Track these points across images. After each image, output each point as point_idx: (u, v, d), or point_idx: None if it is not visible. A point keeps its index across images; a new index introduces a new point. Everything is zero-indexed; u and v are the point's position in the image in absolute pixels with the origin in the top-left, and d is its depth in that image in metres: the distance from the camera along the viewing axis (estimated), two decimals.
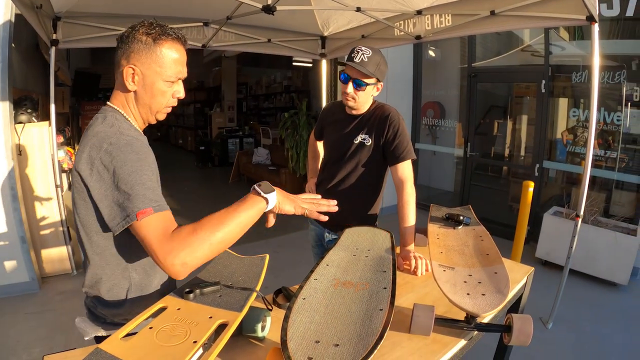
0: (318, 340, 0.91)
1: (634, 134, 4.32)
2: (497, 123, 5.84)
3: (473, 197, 5.76)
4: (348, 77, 1.84)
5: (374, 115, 1.98)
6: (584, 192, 2.98)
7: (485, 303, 1.12)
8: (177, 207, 6.76)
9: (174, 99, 1.23)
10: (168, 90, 1.19)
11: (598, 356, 2.89)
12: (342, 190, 2.05)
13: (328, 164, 2.14)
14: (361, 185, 2.04)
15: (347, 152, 2.00)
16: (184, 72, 1.20)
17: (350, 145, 1.99)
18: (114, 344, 0.90)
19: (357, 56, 1.79)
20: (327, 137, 2.18)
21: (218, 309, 1.04)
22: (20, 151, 3.61)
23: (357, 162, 2.00)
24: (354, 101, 1.91)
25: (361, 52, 1.79)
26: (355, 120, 2.01)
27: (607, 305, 3.60)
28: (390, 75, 5.83)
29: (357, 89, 1.86)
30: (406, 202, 1.83)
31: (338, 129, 2.06)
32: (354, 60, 1.78)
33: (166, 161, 11.47)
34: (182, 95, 1.24)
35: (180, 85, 1.23)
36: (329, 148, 2.17)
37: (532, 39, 5.23)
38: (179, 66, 1.17)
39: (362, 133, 1.97)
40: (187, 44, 1.21)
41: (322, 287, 1.15)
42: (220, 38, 4.20)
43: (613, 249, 3.84)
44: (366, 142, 1.96)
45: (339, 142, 2.05)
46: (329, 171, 2.11)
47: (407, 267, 1.65)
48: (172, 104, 1.24)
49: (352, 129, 2.00)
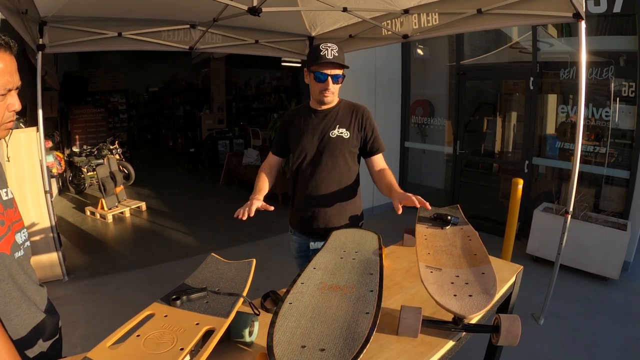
0: (304, 345, 0.91)
1: (623, 129, 4.34)
2: (487, 120, 5.86)
3: (463, 195, 5.78)
4: (325, 74, 1.87)
5: (343, 108, 2.03)
6: (573, 188, 3.01)
7: (472, 304, 1.12)
8: (167, 210, 6.73)
9: (10, 112, 1.08)
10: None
11: (590, 351, 2.91)
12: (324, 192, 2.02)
13: (302, 166, 2.05)
14: (342, 182, 2.03)
15: (325, 146, 1.99)
16: (15, 81, 1.06)
17: (327, 139, 1.99)
18: (101, 353, 0.90)
19: (327, 53, 1.83)
20: (296, 138, 2.05)
21: (205, 315, 1.04)
22: (8, 157, 3.57)
23: (334, 157, 1.99)
24: (332, 95, 1.95)
25: (330, 48, 1.84)
26: (325, 115, 2.02)
27: (599, 300, 3.62)
28: (379, 74, 5.91)
29: (335, 82, 1.91)
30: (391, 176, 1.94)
31: (308, 126, 2.03)
32: (328, 57, 1.82)
33: (156, 164, 11.43)
34: (17, 107, 1.08)
35: (14, 97, 1.07)
36: (300, 148, 2.04)
37: (520, 36, 5.26)
38: (6, 76, 1.02)
39: (338, 127, 1.99)
40: (14, 49, 1.06)
41: (309, 291, 1.15)
42: (208, 40, 4.19)
43: (603, 244, 3.86)
44: (344, 135, 1.99)
45: (312, 138, 2.01)
46: (306, 172, 2.04)
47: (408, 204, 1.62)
48: (9, 119, 1.09)
49: (325, 123, 2.01)
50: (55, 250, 3.88)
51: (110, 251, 4.93)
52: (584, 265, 4.02)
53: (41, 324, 1.18)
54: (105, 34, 3.74)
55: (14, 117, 1.11)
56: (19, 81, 1.08)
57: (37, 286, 1.22)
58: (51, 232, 3.84)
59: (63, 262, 3.97)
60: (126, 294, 3.73)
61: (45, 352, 1.19)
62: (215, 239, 5.17)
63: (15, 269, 1.10)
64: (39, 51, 3.51)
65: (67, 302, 3.53)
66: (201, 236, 5.32)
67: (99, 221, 6.00)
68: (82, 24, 3.60)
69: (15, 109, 1.09)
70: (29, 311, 1.14)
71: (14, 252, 1.10)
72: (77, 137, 9.26)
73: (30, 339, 1.13)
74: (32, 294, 1.17)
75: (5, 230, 1.08)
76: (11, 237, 1.10)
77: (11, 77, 1.04)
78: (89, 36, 3.68)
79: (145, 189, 7.93)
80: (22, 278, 1.13)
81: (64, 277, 3.99)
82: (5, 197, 1.13)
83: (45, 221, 3.86)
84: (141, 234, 5.57)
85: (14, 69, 1.05)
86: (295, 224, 2.19)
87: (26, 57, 4.94)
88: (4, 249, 1.06)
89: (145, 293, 3.71)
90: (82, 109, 9.51)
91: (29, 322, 1.14)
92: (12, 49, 1.05)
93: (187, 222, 5.99)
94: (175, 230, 5.62)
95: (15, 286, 1.10)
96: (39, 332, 1.18)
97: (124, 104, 11.26)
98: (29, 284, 1.16)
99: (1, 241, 1.05)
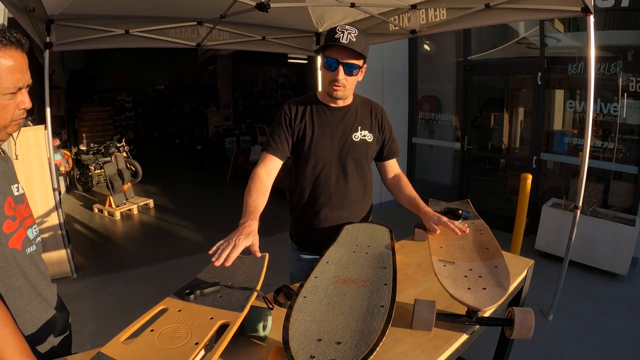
0: (320, 339, 0.91)
1: (631, 125, 4.31)
2: (494, 116, 5.83)
3: (471, 190, 5.76)
4: (337, 61, 1.55)
5: (363, 107, 1.78)
6: (582, 183, 2.99)
7: (487, 297, 1.12)
8: (175, 207, 6.76)
9: (20, 110, 1.07)
10: (10, 104, 1.03)
11: (599, 346, 2.90)
12: (350, 205, 1.79)
13: (321, 176, 1.74)
14: (367, 194, 1.85)
15: (348, 152, 1.72)
16: (26, 79, 1.05)
17: (350, 143, 1.72)
18: (115, 348, 0.89)
19: (343, 36, 1.50)
20: (310, 142, 1.71)
21: (219, 309, 1.03)
22: (17, 155, 3.59)
23: (360, 164, 1.76)
24: (344, 90, 1.62)
25: (347, 31, 1.51)
26: (344, 114, 1.73)
27: (608, 296, 3.60)
28: (386, 69, 5.89)
29: (349, 74, 1.58)
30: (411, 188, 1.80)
31: (325, 127, 1.71)
32: (341, 41, 1.50)
33: (163, 161, 11.47)
34: (27, 105, 1.08)
35: (24, 95, 1.07)
36: (318, 155, 1.72)
37: (527, 31, 5.22)
38: (17, 74, 1.02)
39: (360, 129, 1.72)
40: (25, 47, 1.05)
41: (323, 285, 1.15)
42: (215, 37, 4.19)
43: (612, 240, 3.84)
44: (368, 139, 1.74)
45: (332, 142, 1.71)
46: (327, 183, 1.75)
47: (443, 229, 1.59)
48: (19, 116, 1.08)
49: (344, 124, 1.72)
50: (64, 247, 3.91)
51: (118, 248, 4.96)
52: (592, 261, 4.00)
53: (51, 320, 1.19)
54: (112, 32, 3.75)
55: (24, 115, 1.11)
56: (30, 79, 1.07)
57: (48, 282, 1.23)
58: (60, 230, 3.86)
59: (71, 259, 4.00)
60: (134, 291, 3.76)
61: (55, 348, 1.20)
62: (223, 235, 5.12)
63: (27, 264, 1.11)
64: (46, 49, 3.52)
65: (75, 299, 3.56)
66: (209, 233, 5.34)
67: (107, 218, 6.04)
68: (89, 21, 3.61)
69: (26, 107, 1.08)
70: (40, 307, 1.15)
71: (25, 247, 1.11)
72: (84, 135, 9.32)
73: (40, 335, 1.14)
74: (43, 290, 1.18)
75: (16, 225, 1.08)
76: (22, 232, 1.11)
77: (22, 75, 1.03)
78: (96, 34, 3.68)
79: (153, 187, 7.96)
80: (33, 274, 1.13)
81: (73, 274, 4.02)
82: (16, 192, 1.13)
83: (53, 219, 3.89)
84: (149, 231, 5.60)
85: (25, 67, 1.05)
86: (310, 243, 1.86)
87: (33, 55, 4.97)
88: (15, 244, 1.06)
89: (154, 290, 3.73)
90: (88, 107, 9.57)
91: (39, 318, 1.14)
92: (23, 47, 1.04)
93: (194, 219, 6.01)
94: (183, 227, 5.64)
95: (26, 282, 1.10)
96: (49, 329, 1.18)
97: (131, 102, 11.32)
98: (40, 280, 1.17)
99: (13, 237, 1.06)
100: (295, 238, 1.94)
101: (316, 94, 1.78)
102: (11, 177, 1.15)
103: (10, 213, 1.06)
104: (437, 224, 1.60)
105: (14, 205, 1.09)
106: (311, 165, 1.74)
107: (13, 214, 1.08)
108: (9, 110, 1.04)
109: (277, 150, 1.69)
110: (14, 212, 1.08)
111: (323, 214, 1.77)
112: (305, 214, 1.81)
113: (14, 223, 1.07)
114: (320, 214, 1.77)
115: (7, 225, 1.04)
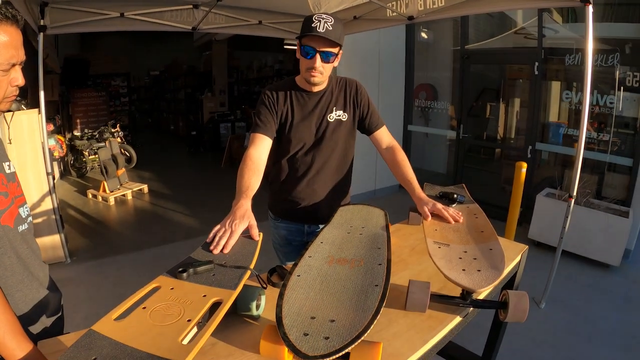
0: (314, 317, 0.90)
1: (627, 117, 4.32)
2: (490, 105, 5.83)
3: (466, 179, 5.76)
4: (314, 49, 1.60)
5: (337, 88, 1.84)
6: (577, 173, 2.99)
7: (481, 279, 1.12)
8: (169, 192, 6.73)
9: (13, 87, 1.05)
10: (2, 80, 1.01)
11: (590, 335, 2.93)
12: (323, 179, 1.89)
13: (298, 154, 1.85)
14: (341, 168, 1.92)
15: (323, 133, 1.81)
16: (20, 55, 1.02)
17: (325, 124, 1.80)
18: (107, 325, 0.89)
19: (319, 25, 1.55)
20: (290, 125, 1.80)
21: (212, 287, 1.02)
22: (10, 139, 3.55)
23: (334, 142, 1.84)
24: (321, 76, 1.68)
25: (323, 20, 1.56)
26: (320, 97, 1.80)
27: (599, 286, 3.63)
28: (383, 56, 5.86)
29: (325, 61, 1.63)
30: (405, 159, 1.87)
31: (303, 111, 1.80)
32: (318, 30, 1.55)
33: (157, 147, 11.40)
34: (20, 82, 1.05)
35: (18, 71, 1.04)
36: (298, 137, 1.81)
37: (525, 21, 5.20)
38: (11, 50, 0.99)
39: (335, 109, 1.81)
40: (20, 23, 1.02)
41: (317, 264, 1.14)
42: (211, 20, 4.14)
43: (605, 231, 3.86)
44: (342, 118, 1.82)
45: (310, 124, 1.80)
46: (304, 161, 1.85)
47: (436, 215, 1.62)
48: (11, 93, 1.06)
49: (320, 107, 1.80)
50: (58, 232, 3.89)
51: (112, 233, 4.95)
52: (585, 251, 4.03)
53: (44, 300, 1.18)
54: (107, 15, 3.69)
55: (16, 92, 1.08)
56: (24, 56, 1.05)
57: (40, 261, 1.21)
58: (53, 214, 3.83)
59: (65, 244, 3.98)
60: (128, 276, 3.75)
61: (48, 329, 1.19)
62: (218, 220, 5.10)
63: (18, 242, 1.09)
64: (40, 32, 3.47)
65: (69, 284, 3.55)
66: (203, 218, 5.33)
67: (101, 204, 6.01)
68: (84, 4, 3.55)
69: (19, 84, 1.06)
70: (32, 287, 1.14)
71: (17, 225, 1.09)
72: (78, 120, 9.24)
73: (32, 315, 1.13)
74: (35, 269, 1.16)
75: (8, 202, 1.06)
76: (14, 210, 1.09)
77: (16, 51, 1.01)
78: (90, 17, 3.63)
79: (147, 172, 7.92)
80: (25, 252, 1.12)
81: (66, 259, 4.00)
82: (8, 170, 1.11)
83: (47, 203, 3.86)
84: (143, 216, 5.58)
85: (19, 43, 1.02)
86: (284, 212, 2.00)
87: (27, 39, 4.89)
88: (7, 221, 1.05)
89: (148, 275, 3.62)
90: (83, 92, 9.47)
91: (31, 297, 1.13)
92: (18, 22, 1.01)
93: (189, 204, 5.99)
94: (178, 213, 5.63)
95: (18, 260, 1.09)
96: (42, 309, 1.17)
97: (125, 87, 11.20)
98: (32, 259, 1.16)
99: (4, 214, 1.04)
100: (273, 207, 2.06)
101: (294, 79, 1.84)
102: (2, 154, 1.13)
103: (3, 190, 1.05)
104: (431, 211, 1.63)
105: (5, 182, 1.07)
106: (291, 147, 1.83)
107: (5, 190, 1.06)
108: (2, 86, 1.02)
109: (266, 130, 1.75)
110: (6, 189, 1.07)
111: (300, 187, 1.89)
112: (283, 187, 1.93)
113: (6, 200, 1.05)
114: (297, 187, 1.89)
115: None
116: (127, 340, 0.84)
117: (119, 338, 0.84)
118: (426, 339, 1.07)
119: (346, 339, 0.82)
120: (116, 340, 0.84)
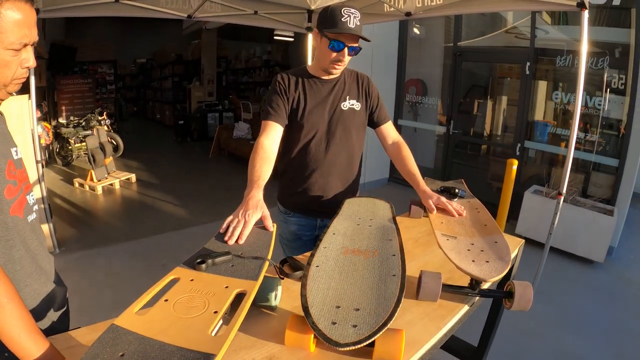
0: (339, 306, 0.93)
1: (613, 119, 4.45)
2: (480, 102, 5.91)
3: (454, 175, 5.83)
4: (343, 44, 1.64)
5: (350, 78, 1.88)
6: (566, 171, 3.07)
7: (490, 269, 1.17)
8: (157, 182, 6.68)
9: (23, 69, 0.99)
10: (13, 60, 0.95)
11: (576, 328, 3.04)
12: (337, 169, 1.87)
13: (312, 143, 1.82)
14: (354, 159, 1.92)
15: (337, 120, 1.81)
16: (33, 35, 0.97)
17: (340, 112, 1.81)
18: (130, 319, 0.85)
19: (350, 20, 1.59)
20: (303, 112, 1.78)
21: (233, 278, 1.01)
22: None
23: (347, 131, 1.84)
24: (343, 68, 1.76)
25: (352, 15, 1.60)
26: (333, 85, 1.82)
27: (585, 282, 3.76)
28: (376, 50, 5.87)
29: (351, 54, 1.70)
30: (410, 154, 1.88)
31: (316, 98, 1.79)
32: (348, 25, 1.59)
33: (144, 136, 11.27)
34: (32, 64, 1.00)
35: (29, 52, 0.99)
36: (311, 124, 1.79)
37: (517, 20, 5.28)
38: (24, 29, 0.93)
39: (348, 98, 1.83)
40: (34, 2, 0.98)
41: (333, 255, 1.17)
42: (206, 9, 4.10)
43: (591, 228, 3.98)
44: (356, 107, 1.84)
45: (323, 112, 1.79)
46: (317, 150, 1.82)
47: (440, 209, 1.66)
48: (21, 75, 1.00)
49: (334, 94, 1.81)
50: (47, 221, 3.81)
51: (101, 223, 4.90)
52: (571, 247, 4.14)
53: (51, 294, 1.14)
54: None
55: (26, 74, 1.02)
56: (37, 36, 0.99)
57: (47, 253, 1.17)
58: (42, 203, 3.75)
59: (54, 234, 3.92)
60: (119, 266, 3.72)
61: (55, 324, 1.15)
62: (208, 211, 5.17)
63: (28, 233, 1.05)
64: None
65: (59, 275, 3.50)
66: (193, 208, 5.31)
67: (88, 193, 5.94)
68: None
69: (30, 66, 1.00)
70: (40, 280, 1.10)
71: (27, 215, 1.05)
72: (64, 108, 9.09)
73: (40, 310, 1.09)
74: (42, 262, 1.12)
75: (18, 191, 1.02)
76: (24, 198, 1.05)
77: (29, 30, 0.95)
78: (84, 1, 3.56)
79: (134, 161, 7.82)
80: (34, 244, 1.08)
81: (55, 249, 3.93)
82: (15, 156, 1.07)
83: (36, 192, 3.77)
84: (132, 206, 5.54)
85: (32, 22, 0.96)
86: (296, 205, 1.94)
87: None
88: (17, 211, 1.00)
89: (138, 265, 3.70)
90: (69, 79, 9.31)
91: (39, 292, 1.09)
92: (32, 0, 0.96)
93: (178, 194, 5.95)
94: (167, 202, 5.60)
95: (27, 253, 1.05)
96: (49, 303, 1.13)
97: (112, 75, 11.02)
98: (40, 250, 1.11)
99: (14, 203, 1.00)
100: (283, 201, 2.00)
101: (306, 67, 1.86)
102: (10, 139, 1.09)
103: (12, 178, 1.00)
104: (436, 204, 1.67)
105: (14, 170, 1.03)
106: (303, 134, 1.81)
107: (14, 178, 1.01)
108: (11, 67, 0.95)
109: (278, 117, 1.73)
110: (15, 176, 1.02)
111: (313, 179, 1.85)
112: (295, 178, 1.89)
113: (15, 188, 1.01)
114: (310, 179, 1.85)
115: (8, 191, 0.98)
116: (153, 334, 0.80)
117: (144, 332, 0.81)
118: (439, 325, 1.11)
119: (373, 326, 0.85)
120: (142, 334, 0.80)
